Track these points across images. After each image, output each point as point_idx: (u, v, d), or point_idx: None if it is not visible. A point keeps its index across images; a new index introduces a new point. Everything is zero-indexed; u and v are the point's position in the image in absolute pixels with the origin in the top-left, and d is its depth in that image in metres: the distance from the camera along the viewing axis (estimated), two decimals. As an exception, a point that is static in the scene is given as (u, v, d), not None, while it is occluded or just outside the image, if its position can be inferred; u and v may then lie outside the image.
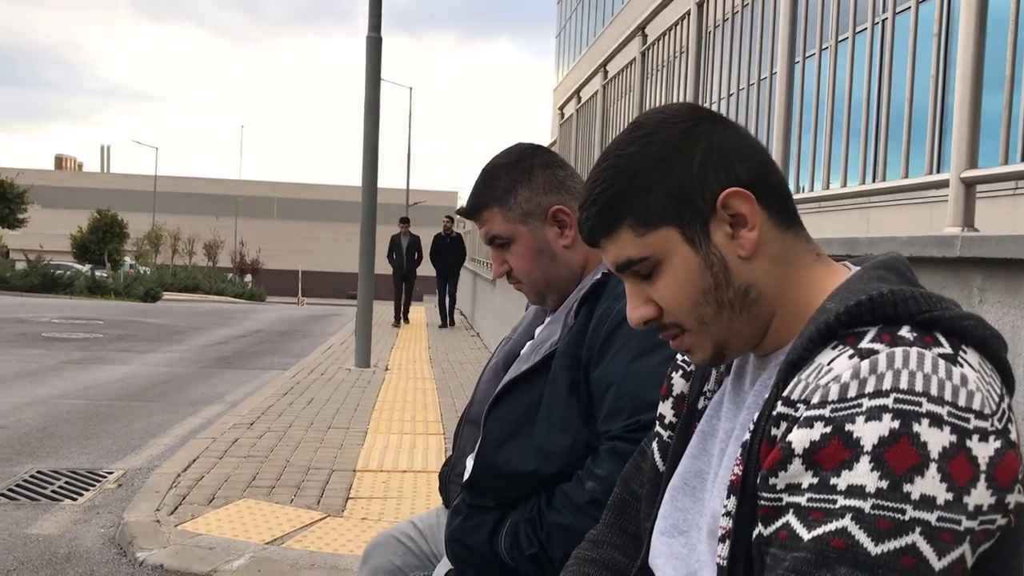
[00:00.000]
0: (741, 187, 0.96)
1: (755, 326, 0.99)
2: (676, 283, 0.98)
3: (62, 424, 6.47)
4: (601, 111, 6.59)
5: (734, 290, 0.97)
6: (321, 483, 4.72)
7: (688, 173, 0.97)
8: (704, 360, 1.02)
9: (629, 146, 1.00)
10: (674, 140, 0.98)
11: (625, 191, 0.98)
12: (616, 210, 0.99)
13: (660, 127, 1.00)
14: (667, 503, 1.09)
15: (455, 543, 1.62)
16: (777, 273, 0.98)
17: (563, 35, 40.32)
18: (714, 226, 0.97)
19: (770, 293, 0.98)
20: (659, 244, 0.98)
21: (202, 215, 66.60)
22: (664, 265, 0.99)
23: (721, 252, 0.97)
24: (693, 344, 1.02)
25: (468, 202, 1.76)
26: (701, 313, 0.98)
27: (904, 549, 0.75)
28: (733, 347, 1.01)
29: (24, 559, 3.70)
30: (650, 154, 0.98)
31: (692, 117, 1.00)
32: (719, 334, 0.99)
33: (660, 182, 0.97)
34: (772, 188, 0.99)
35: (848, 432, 0.79)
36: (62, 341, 12.33)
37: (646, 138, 0.99)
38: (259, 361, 11.23)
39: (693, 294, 0.98)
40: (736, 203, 0.96)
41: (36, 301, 23.44)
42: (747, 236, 0.97)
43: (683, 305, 0.99)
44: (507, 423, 1.60)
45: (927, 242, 1.83)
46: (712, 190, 0.97)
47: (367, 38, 9.68)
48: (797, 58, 3.14)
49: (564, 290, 1.72)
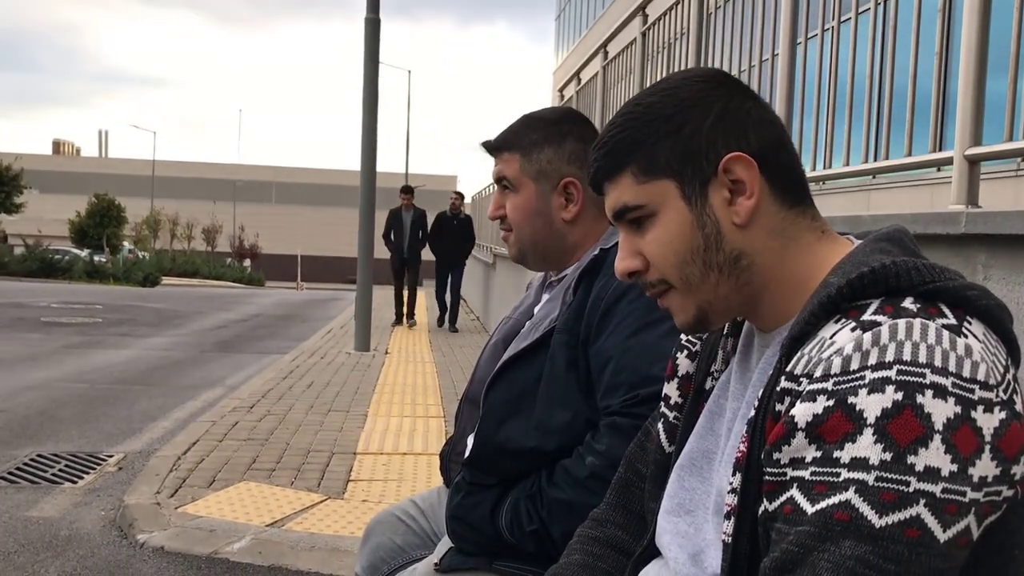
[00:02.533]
0: (748, 155, 0.96)
1: (742, 294, 0.99)
2: (666, 237, 0.99)
3: (62, 408, 6.47)
4: (601, 92, 6.57)
5: (724, 254, 0.97)
6: (321, 466, 4.72)
7: (698, 131, 0.97)
8: (687, 323, 1.02)
9: (649, 96, 1.01)
10: (692, 97, 0.98)
11: (634, 138, 0.99)
12: (622, 154, 1.00)
13: (683, 83, 1.00)
14: (674, 483, 1.09)
15: (455, 521, 1.62)
16: (774, 247, 0.97)
17: (563, 17, 40.15)
18: (713, 188, 0.97)
19: (763, 264, 0.98)
20: (656, 195, 0.98)
21: (200, 200, 66.51)
22: (657, 218, 0.99)
23: (715, 214, 0.97)
24: (677, 305, 1.02)
25: (496, 138, 1.76)
26: (687, 272, 0.98)
27: (908, 521, 0.75)
28: (717, 312, 1.01)
29: (25, 541, 3.70)
30: (666, 106, 0.98)
31: (716, 80, 1.00)
32: (704, 297, 0.99)
33: (669, 134, 0.97)
34: (781, 164, 0.98)
35: (851, 405, 0.78)
36: (61, 326, 12.32)
37: (667, 91, 1.00)
38: (259, 345, 11.23)
39: (681, 250, 0.98)
40: (738, 168, 0.96)
41: (35, 286, 23.44)
42: (744, 203, 0.96)
43: (669, 260, 0.99)
44: (507, 401, 1.59)
45: (931, 219, 1.82)
46: (718, 152, 0.96)
47: (365, 20, 9.62)
48: (799, 39, 3.12)
49: (545, 257, 1.74)
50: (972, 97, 2.00)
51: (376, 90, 9.72)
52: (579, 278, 1.60)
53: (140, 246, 54.25)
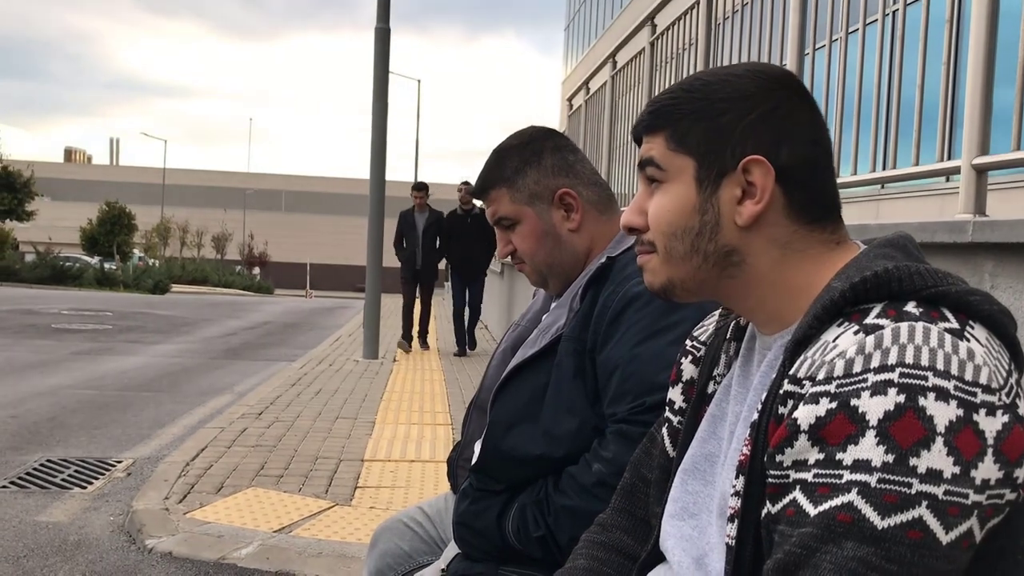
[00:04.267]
0: (770, 163, 0.96)
1: (720, 284, 1.01)
2: (667, 205, 1.01)
3: (72, 414, 6.49)
4: (610, 102, 6.58)
5: (716, 245, 0.99)
6: (329, 472, 4.73)
7: (735, 124, 0.98)
8: (651, 284, 1.06)
9: (710, 76, 1.02)
10: (746, 90, 0.99)
11: (680, 109, 1.00)
12: (662, 118, 1.02)
13: (746, 74, 1.01)
14: (677, 487, 1.09)
15: (462, 527, 1.62)
16: (772, 254, 0.98)
17: (572, 27, 40.24)
18: (728, 181, 0.98)
19: (755, 266, 0.98)
20: (676, 166, 1.00)
21: (210, 208, 66.75)
22: (668, 185, 1.01)
23: (720, 207, 0.98)
24: (652, 268, 1.04)
25: (477, 181, 1.78)
26: (672, 245, 1.01)
27: (911, 523, 0.75)
28: (685, 290, 1.03)
29: (34, 546, 3.72)
30: (720, 90, 0.99)
31: (779, 82, 1.00)
32: (678, 273, 1.02)
33: (707, 118, 0.99)
34: (807, 183, 0.98)
35: (853, 407, 0.79)
36: (72, 332, 12.38)
37: (728, 77, 1.01)
38: (267, 352, 11.26)
39: (674, 224, 1.00)
40: (755, 172, 0.97)
41: (45, 293, 23.54)
42: (749, 206, 0.97)
43: (661, 228, 1.01)
44: (514, 408, 1.60)
45: (938, 228, 1.83)
46: (744, 150, 0.97)
47: (375, 29, 9.67)
48: (807, 49, 3.14)
49: (566, 274, 1.73)
50: (980, 107, 2.01)
51: (386, 99, 9.76)
52: (586, 286, 1.60)
53: (150, 254, 54.49)
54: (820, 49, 3.14)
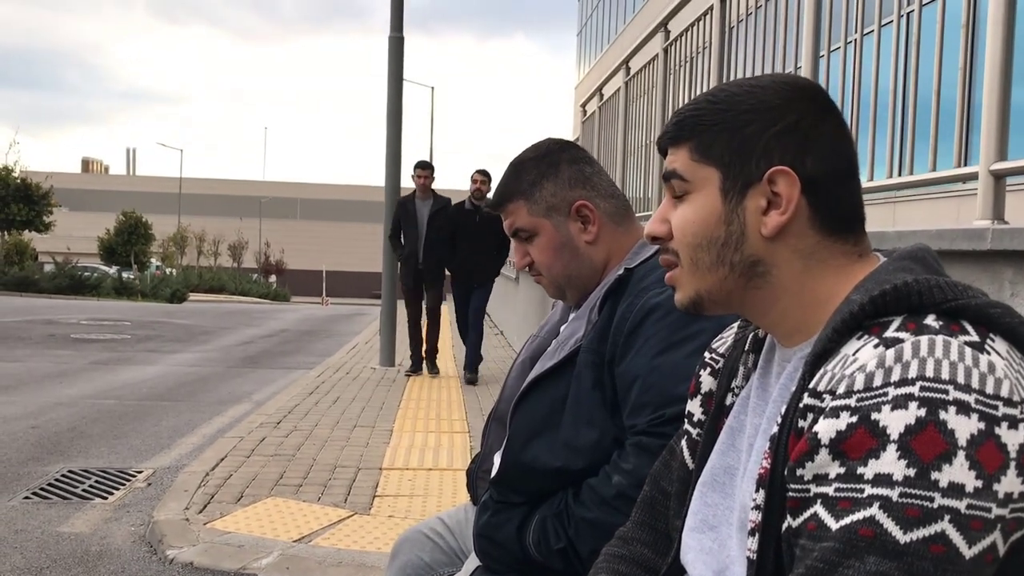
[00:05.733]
0: (796, 174, 0.96)
1: (747, 295, 1.01)
2: (692, 216, 1.01)
3: (92, 424, 6.54)
4: (624, 108, 6.58)
5: (741, 256, 0.99)
6: (348, 481, 4.74)
7: (760, 134, 0.98)
8: (681, 302, 1.06)
9: (735, 87, 1.02)
10: (771, 101, 0.99)
11: (702, 119, 1.01)
12: (686, 129, 1.02)
13: (771, 85, 1.01)
14: (697, 499, 1.09)
15: (483, 539, 1.63)
16: (796, 265, 0.98)
17: (584, 32, 40.23)
18: (753, 192, 0.98)
19: (780, 277, 0.98)
20: (700, 177, 1.01)
21: (227, 216, 67.13)
22: (693, 197, 1.02)
23: (746, 218, 0.98)
24: (679, 282, 1.05)
25: (495, 195, 1.79)
26: (698, 257, 1.01)
27: (933, 537, 0.75)
28: (714, 302, 1.03)
29: (57, 556, 3.75)
30: (744, 101, 1.00)
31: (805, 94, 1.00)
32: (706, 285, 1.02)
33: (732, 129, 0.99)
34: (833, 196, 0.98)
35: (874, 421, 0.79)
36: (90, 342, 12.47)
37: (753, 88, 1.01)
38: (285, 361, 11.30)
39: (700, 235, 1.01)
40: (781, 183, 0.97)
41: (64, 303, 23.72)
42: (775, 217, 0.97)
43: (686, 239, 1.02)
44: (533, 420, 1.60)
45: (956, 235, 1.82)
46: (770, 161, 0.97)
47: (389, 38, 9.71)
48: (822, 52, 3.13)
49: (584, 285, 1.73)
50: (997, 112, 2.00)
51: (400, 106, 9.79)
52: (604, 297, 1.61)
53: (167, 263, 54.83)
54: (835, 51, 3.13)
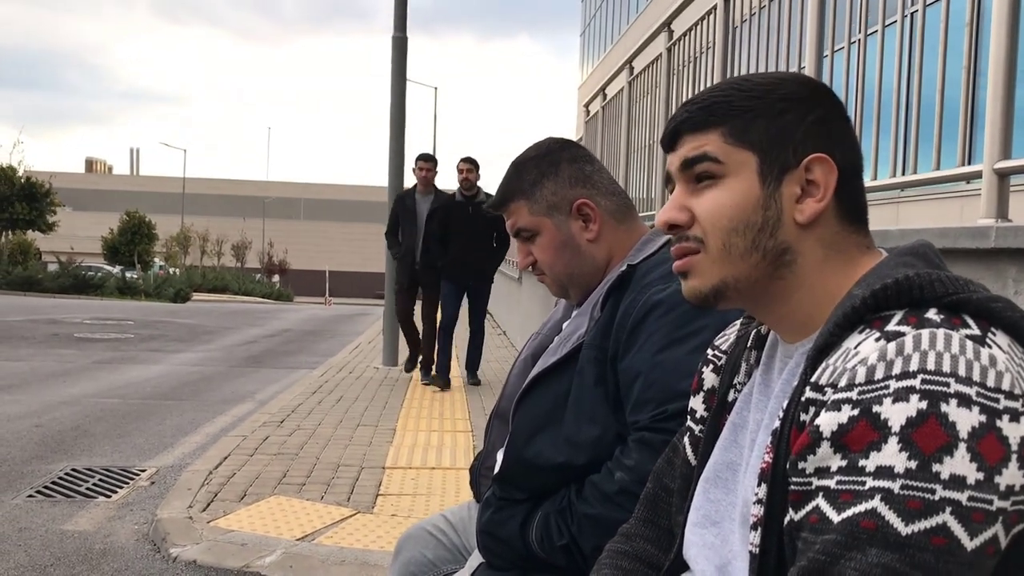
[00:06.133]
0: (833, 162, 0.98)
1: (770, 285, 1.00)
2: (728, 200, 1.00)
3: (95, 423, 6.55)
4: (627, 108, 6.58)
5: (775, 242, 0.99)
6: (351, 480, 4.75)
7: (797, 122, 0.99)
8: (698, 290, 1.02)
9: (760, 78, 1.03)
10: (798, 93, 1.01)
11: (737, 105, 1.01)
12: (718, 114, 1.01)
13: (791, 80, 1.03)
14: (699, 495, 1.09)
15: (486, 535, 1.63)
16: (818, 254, 0.99)
17: (587, 33, 40.26)
18: (789, 179, 0.99)
19: (803, 266, 0.99)
20: (737, 161, 1.00)
21: (230, 216, 67.25)
22: (727, 180, 1.00)
23: (782, 203, 0.99)
24: (700, 269, 1.02)
25: (496, 194, 1.79)
26: (733, 242, 0.99)
27: (935, 529, 0.75)
28: (737, 292, 1.01)
29: (60, 555, 3.76)
30: (774, 90, 1.01)
31: (821, 91, 1.03)
32: (733, 272, 1.00)
33: (769, 115, 1.00)
34: (852, 187, 1.00)
35: (876, 414, 0.79)
36: (94, 341, 12.49)
37: (776, 81, 1.02)
38: (288, 360, 11.32)
39: (736, 219, 0.99)
40: (818, 170, 0.98)
41: (68, 302, 23.75)
42: (811, 204, 0.98)
43: (721, 224, 1.00)
44: (536, 416, 1.61)
45: (960, 233, 1.82)
46: (807, 148, 0.98)
47: (392, 38, 9.72)
48: (825, 52, 3.13)
49: (586, 284, 1.74)
50: (1001, 110, 2.00)
51: (403, 107, 9.80)
52: (607, 294, 1.61)
53: (171, 262, 54.86)
54: (839, 51, 3.13)
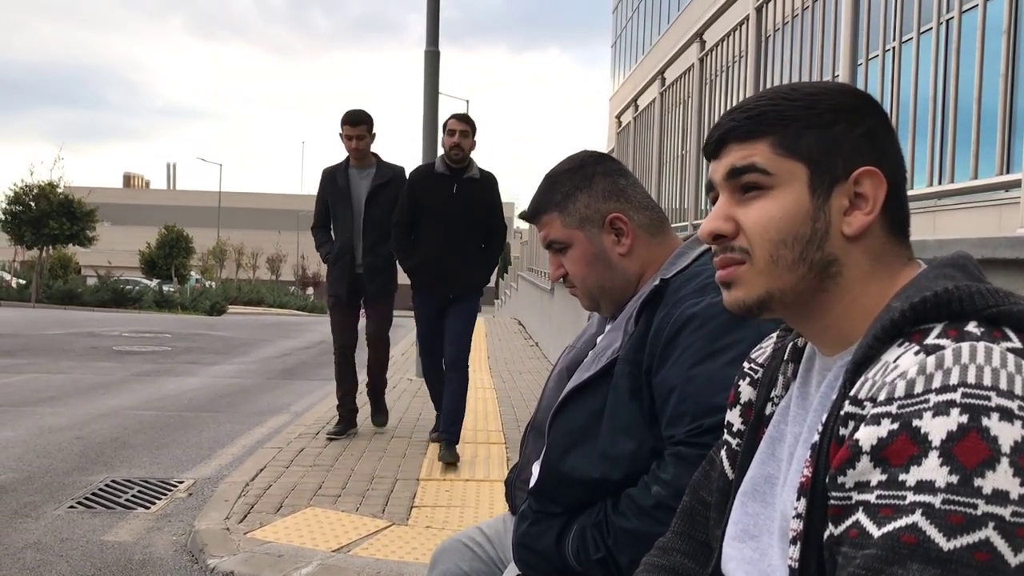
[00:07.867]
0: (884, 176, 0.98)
1: (815, 298, 0.99)
2: (777, 212, 0.99)
3: (134, 434, 6.64)
4: (659, 119, 6.57)
5: (822, 254, 0.98)
6: (385, 492, 4.77)
7: (847, 133, 0.99)
8: (742, 300, 1.01)
9: (808, 87, 1.03)
10: (847, 104, 1.00)
11: (785, 114, 1.00)
12: (767, 123, 1.00)
13: (840, 91, 1.02)
14: (737, 509, 1.09)
15: (522, 548, 1.63)
16: (864, 267, 0.98)
17: (619, 44, 40.25)
18: (837, 191, 0.98)
19: (849, 279, 0.98)
20: (786, 171, 0.99)
21: (265, 229, 67.94)
22: (776, 192, 0.99)
23: (830, 216, 0.98)
24: (745, 280, 1.01)
25: (529, 206, 1.80)
26: (780, 253, 0.98)
27: (977, 544, 0.74)
28: (782, 304, 1.00)
29: (101, 565, 3.81)
30: (823, 101, 1.00)
31: (869, 103, 1.02)
32: (779, 284, 0.99)
33: (819, 126, 0.99)
34: (898, 198, 1.00)
35: (916, 428, 0.78)
36: (132, 354, 12.66)
37: (825, 91, 1.02)
38: (323, 372, 11.37)
39: (785, 231, 0.98)
40: (867, 183, 0.98)
41: (106, 316, 24.11)
42: (860, 217, 0.97)
43: (769, 235, 0.99)
44: (571, 430, 1.61)
45: (999, 243, 1.80)
46: (856, 160, 0.98)
47: (425, 52, 9.78)
48: (860, 60, 3.11)
49: (617, 298, 1.74)
50: (1039, 118, 1.97)
51: (436, 120, 9.84)
52: (641, 308, 1.61)
53: (207, 276, 55.55)
54: (873, 59, 3.11)
